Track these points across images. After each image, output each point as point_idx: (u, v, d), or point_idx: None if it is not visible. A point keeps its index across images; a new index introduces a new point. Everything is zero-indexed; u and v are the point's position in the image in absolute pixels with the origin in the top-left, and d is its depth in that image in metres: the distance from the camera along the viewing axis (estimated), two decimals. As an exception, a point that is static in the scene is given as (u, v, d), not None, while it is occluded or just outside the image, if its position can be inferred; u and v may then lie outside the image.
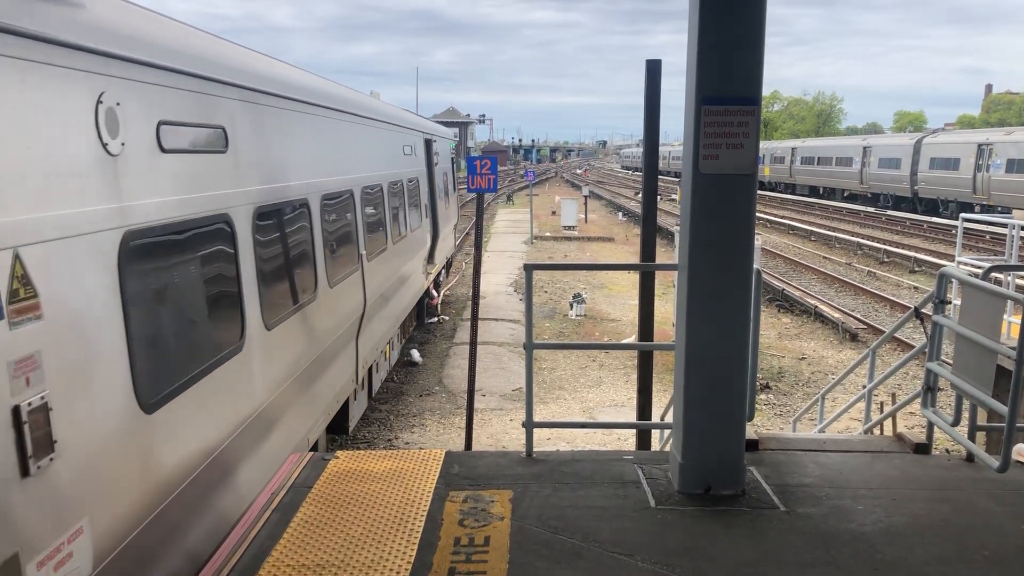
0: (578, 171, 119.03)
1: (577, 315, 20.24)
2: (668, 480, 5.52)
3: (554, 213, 46.36)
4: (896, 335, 13.54)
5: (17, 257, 3.04)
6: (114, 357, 3.76)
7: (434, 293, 18.96)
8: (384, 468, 5.75)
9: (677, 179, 69.44)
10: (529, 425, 6.13)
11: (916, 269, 26.37)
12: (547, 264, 14.00)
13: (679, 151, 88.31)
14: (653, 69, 7.53)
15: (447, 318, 20.03)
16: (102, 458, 3.61)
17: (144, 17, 4.58)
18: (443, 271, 20.39)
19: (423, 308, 18.05)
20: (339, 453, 6.07)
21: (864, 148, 52.31)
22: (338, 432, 9.82)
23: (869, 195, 51.77)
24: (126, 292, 3.88)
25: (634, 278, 24.18)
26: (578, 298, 20.81)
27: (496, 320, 19.71)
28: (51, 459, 3.21)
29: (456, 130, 28.15)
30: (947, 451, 9.46)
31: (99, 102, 3.75)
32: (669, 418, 7.85)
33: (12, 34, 3.10)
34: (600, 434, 11.86)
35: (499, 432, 12.22)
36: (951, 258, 26.12)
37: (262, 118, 6.18)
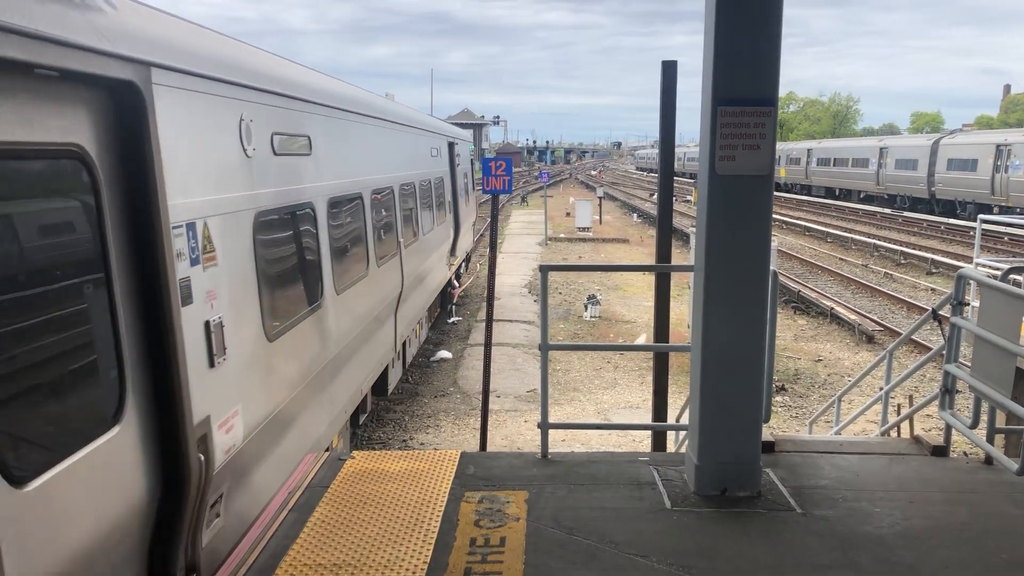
0: (592, 172, 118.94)
1: (592, 316, 20.23)
2: (684, 482, 5.51)
3: (568, 214, 46.33)
4: (913, 337, 13.45)
5: (206, 224, 4.62)
6: (251, 299, 5.27)
7: (455, 283, 20.20)
8: (400, 468, 5.77)
9: (692, 180, 69.32)
10: (544, 426, 6.14)
11: (933, 271, 26.18)
12: (562, 265, 13.99)
13: (694, 152, 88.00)
14: (669, 70, 7.52)
15: (461, 319, 20.06)
16: (246, 368, 5.09)
17: (249, 52, 6.01)
18: (463, 264, 21.79)
19: (446, 297, 19.48)
20: (355, 453, 6.10)
21: (880, 149, 51.98)
22: (379, 394, 11.41)
23: (886, 196, 51.45)
24: (256, 256, 5.39)
25: (649, 280, 24.13)
26: (593, 299, 20.79)
27: (510, 321, 19.72)
28: (224, 359, 4.68)
29: (472, 132, 29.51)
30: (965, 454, 9.40)
31: (241, 119, 5.30)
32: (685, 420, 7.83)
33: (197, 76, 4.62)
34: (615, 436, 11.85)
35: (514, 433, 12.23)
36: (969, 260, 25.92)
37: (332, 127, 7.83)
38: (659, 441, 8.36)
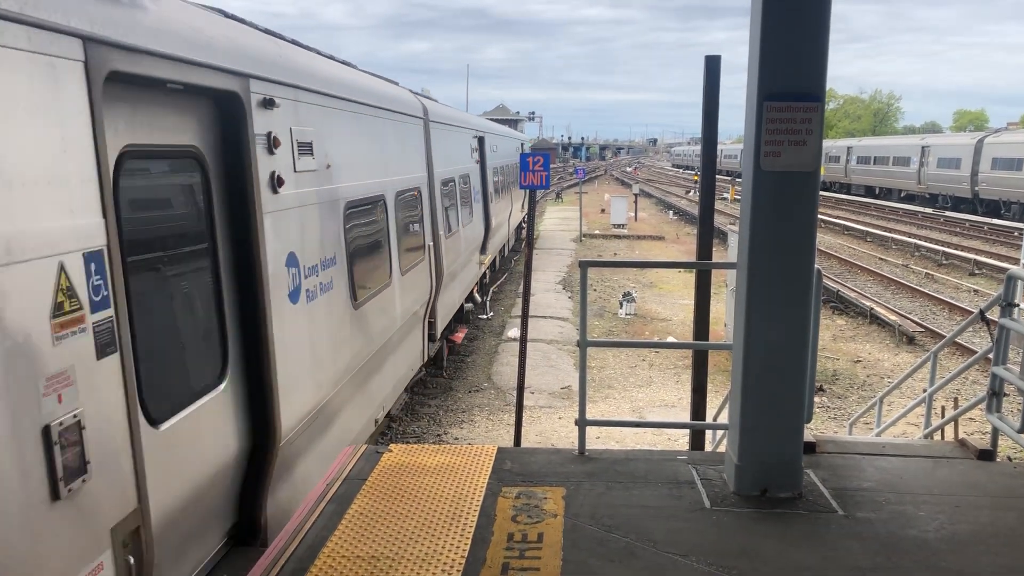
0: (628, 169, 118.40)
1: (627, 314, 20.13)
2: (723, 481, 5.45)
3: (603, 211, 46.15)
4: (955, 339, 13.18)
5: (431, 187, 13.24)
6: (484, 200, 19.37)
7: (523, 226, 32.15)
8: (437, 462, 5.77)
9: (729, 178, 68.61)
10: (582, 423, 6.10)
11: (976, 272, 25.68)
12: (602, 261, 14.07)
13: (731, 149, 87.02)
14: (712, 65, 7.43)
15: (495, 314, 20.07)
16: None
17: (478, 118, 22.00)
18: (524, 217, 35.48)
19: (519, 233, 32.31)
20: (392, 446, 6.11)
21: (922, 148, 51.11)
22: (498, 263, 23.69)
23: (927, 196, 50.60)
24: (486, 179, 19.39)
25: (685, 277, 23.95)
26: (628, 297, 20.69)
27: (544, 318, 19.69)
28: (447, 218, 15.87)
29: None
30: (1009, 459, 9.21)
31: (471, 140, 17.04)
32: (722, 418, 7.75)
33: (444, 124, 14.33)
34: (650, 435, 11.78)
35: (548, 430, 12.21)
36: (1014, 261, 25.38)
37: (495, 141, 21.62)
38: (697, 440, 8.29)
